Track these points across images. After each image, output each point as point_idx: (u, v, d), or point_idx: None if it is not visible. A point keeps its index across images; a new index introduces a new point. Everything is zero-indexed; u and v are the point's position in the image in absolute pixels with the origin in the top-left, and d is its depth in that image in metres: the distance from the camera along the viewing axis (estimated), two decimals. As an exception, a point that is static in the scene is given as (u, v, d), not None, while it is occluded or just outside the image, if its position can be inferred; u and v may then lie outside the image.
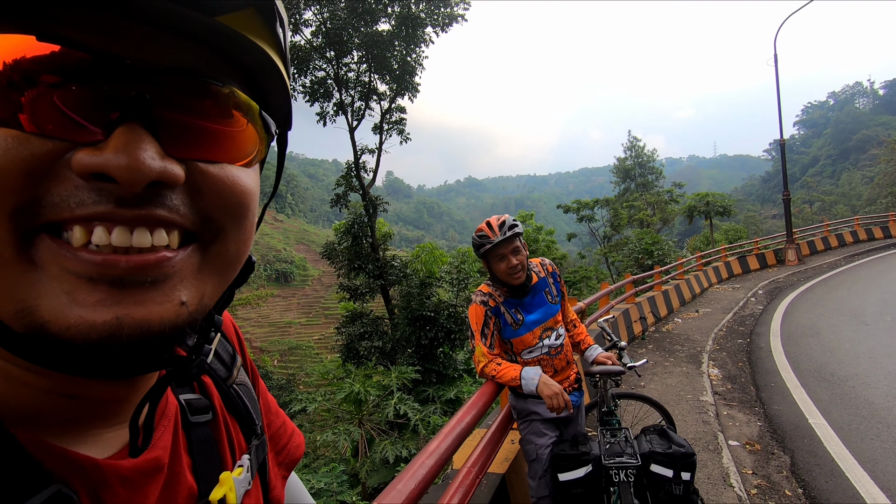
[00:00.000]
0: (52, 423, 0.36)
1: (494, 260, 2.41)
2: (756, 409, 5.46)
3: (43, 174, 0.29)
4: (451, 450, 1.86)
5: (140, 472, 0.39)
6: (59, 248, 0.30)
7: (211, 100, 0.35)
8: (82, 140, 0.30)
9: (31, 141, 0.29)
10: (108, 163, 0.30)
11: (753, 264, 17.77)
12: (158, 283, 0.33)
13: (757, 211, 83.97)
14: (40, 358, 0.32)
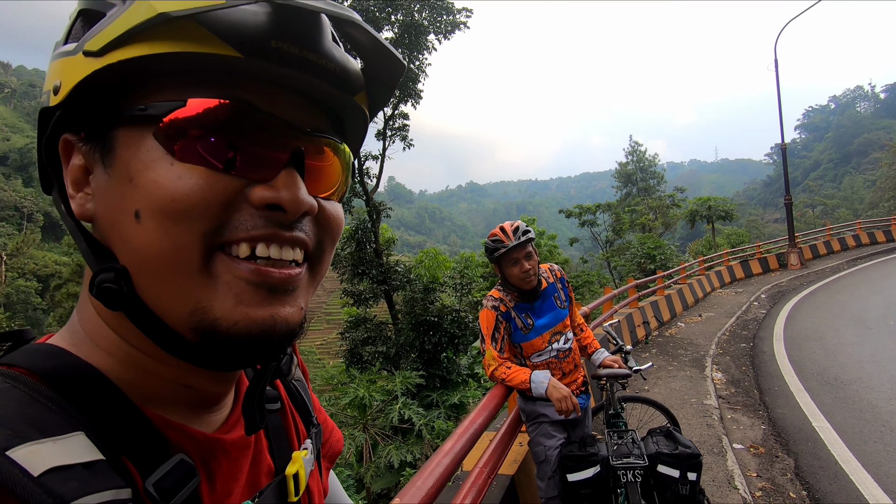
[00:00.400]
0: (171, 405, 0.44)
1: (508, 264, 2.48)
2: (760, 412, 5.50)
3: (230, 204, 0.39)
4: (464, 450, 1.93)
5: (237, 446, 0.48)
6: (231, 261, 0.39)
7: (328, 150, 0.45)
8: (258, 179, 0.40)
9: (224, 179, 0.38)
10: (281, 197, 0.39)
11: (756, 268, 17.79)
12: (293, 291, 0.42)
13: (759, 215, 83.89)
14: (188, 356, 0.41)
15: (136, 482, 0.37)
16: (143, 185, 0.37)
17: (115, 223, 0.39)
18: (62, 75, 0.39)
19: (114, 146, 0.39)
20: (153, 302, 0.39)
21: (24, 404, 0.34)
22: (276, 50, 0.38)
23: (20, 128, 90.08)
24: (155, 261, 0.37)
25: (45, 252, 47.62)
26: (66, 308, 26.00)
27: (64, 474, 0.33)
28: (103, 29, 0.37)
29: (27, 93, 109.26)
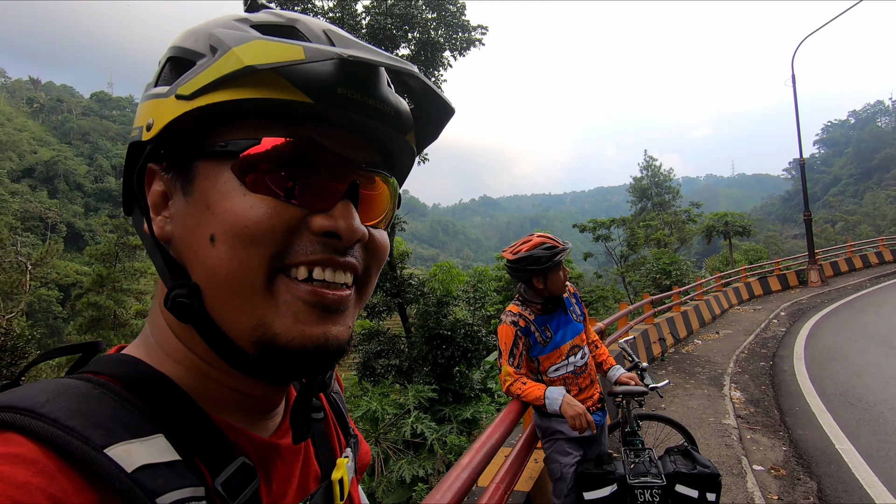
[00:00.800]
0: (232, 411, 0.48)
1: (555, 271, 2.51)
2: (780, 433, 5.38)
3: (293, 231, 0.43)
4: (481, 465, 1.94)
5: (290, 452, 0.52)
6: (291, 282, 0.43)
7: (379, 181, 0.50)
8: (317, 209, 0.44)
9: (289, 208, 0.43)
10: (338, 226, 0.44)
11: (775, 285, 17.47)
12: (343, 312, 0.46)
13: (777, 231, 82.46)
14: (247, 369, 0.45)
15: (206, 481, 0.41)
16: (220, 212, 0.42)
17: (191, 244, 0.44)
18: (155, 114, 0.44)
19: (194, 176, 0.44)
20: (220, 317, 0.43)
21: (113, 408, 0.39)
22: (341, 96, 0.43)
23: (47, 141, 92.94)
24: (225, 279, 0.42)
25: (67, 262, 48.68)
26: (85, 317, 26.46)
27: (152, 472, 0.37)
28: (195, 76, 0.42)
29: (55, 108, 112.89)
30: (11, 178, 70.83)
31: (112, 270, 27.96)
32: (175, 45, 0.47)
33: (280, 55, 0.40)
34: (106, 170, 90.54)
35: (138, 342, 0.48)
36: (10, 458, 0.32)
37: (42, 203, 68.14)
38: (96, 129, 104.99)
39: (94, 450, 0.35)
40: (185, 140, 0.44)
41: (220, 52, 0.42)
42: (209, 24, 0.47)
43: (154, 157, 0.46)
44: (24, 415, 0.34)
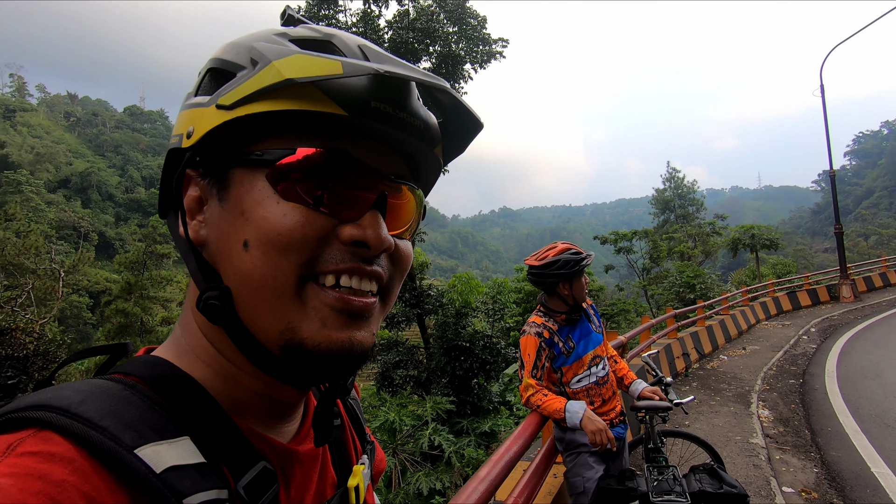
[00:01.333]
0: (254, 415, 0.49)
1: (579, 277, 2.50)
2: (812, 454, 5.17)
3: (323, 240, 0.44)
4: (499, 478, 1.91)
5: (309, 457, 0.52)
6: (319, 289, 0.45)
7: (406, 191, 0.51)
8: (347, 218, 0.45)
9: (320, 217, 0.44)
10: (367, 235, 0.45)
11: (804, 300, 16.93)
12: (368, 318, 0.47)
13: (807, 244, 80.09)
14: (273, 371, 0.46)
15: (230, 484, 0.41)
16: (254, 219, 0.43)
17: (224, 249, 0.45)
18: (195, 123, 0.46)
19: (230, 183, 0.45)
20: (249, 320, 0.44)
21: (142, 409, 0.40)
22: (374, 109, 0.45)
23: (83, 153, 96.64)
24: (257, 284, 0.43)
25: (98, 270, 50.22)
26: (113, 323, 27.18)
27: (179, 473, 0.38)
28: (235, 87, 0.44)
29: (90, 121, 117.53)
30: (48, 189, 73.70)
31: (140, 278, 28.75)
32: (216, 56, 0.49)
33: (319, 69, 0.41)
34: (136, 181, 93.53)
35: (168, 344, 0.50)
36: (48, 456, 0.33)
37: (76, 213, 70.69)
38: (128, 141, 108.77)
39: (126, 450, 0.36)
40: (222, 148, 0.46)
41: (260, 64, 0.43)
42: (250, 37, 0.49)
43: (192, 163, 0.47)
44: (60, 414, 0.36)
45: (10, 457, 0.33)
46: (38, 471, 0.32)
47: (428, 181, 0.57)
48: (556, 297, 2.56)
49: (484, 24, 16.75)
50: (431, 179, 0.57)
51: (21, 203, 49.77)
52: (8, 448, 0.33)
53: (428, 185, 0.57)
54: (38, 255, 26.49)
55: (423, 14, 15.64)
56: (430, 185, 0.58)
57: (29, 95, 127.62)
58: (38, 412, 0.36)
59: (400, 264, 0.51)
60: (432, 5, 16.10)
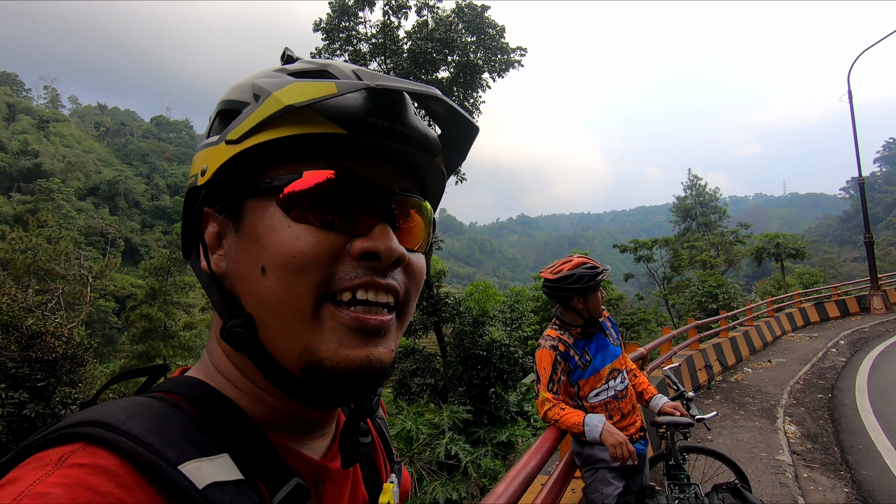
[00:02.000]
0: (287, 432, 0.50)
1: (594, 291, 2.49)
2: (841, 472, 4.99)
3: (336, 258, 0.46)
4: (517, 494, 1.89)
5: (340, 474, 0.54)
6: (336, 309, 0.46)
7: (413, 211, 0.52)
8: (357, 234, 0.47)
9: (330, 236, 0.46)
10: (377, 246, 0.46)
11: (833, 311, 16.43)
12: (385, 335, 0.48)
13: (835, 253, 77.79)
14: (296, 394, 0.48)
15: (266, 500, 0.43)
16: (269, 244, 0.45)
17: (243, 277, 0.47)
18: (208, 161, 0.49)
19: (244, 214, 0.48)
20: (271, 344, 0.46)
21: (184, 427, 0.42)
22: (372, 125, 0.46)
23: (111, 162, 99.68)
24: (276, 307, 0.45)
25: (124, 275, 51.55)
26: (138, 328, 27.82)
27: (220, 489, 0.39)
28: (241, 122, 0.46)
29: (118, 131, 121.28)
30: (78, 196, 76.09)
31: (164, 284, 29.39)
32: (223, 99, 0.52)
33: (315, 92, 0.43)
34: (161, 188, 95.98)
35: (199, 368, 0.52)
36: (96, 468, 0.35)
37: (104, 219, 72.77)
38: (154, 150, 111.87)
39: (170, 466, 0.37)
40: (235, 182, 0.48)
41: (262, 97, 0.46)
42: (251, 77, 0.51)
43: (208, 200, 0.50)
44: (107, 430, 0.38)
45: (61, 468, 0.35)
46: (86, 482, 0.34)
47: (434, 192, 0.58)
48: (571, 310, 2.55)
49: (502, 34, 16.83)
50: (437, 190, 0.58)
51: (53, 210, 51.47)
52: (59, 459, 0.36)
53: (435, 197, 0.59)
54: (67, 261, 27.33)
55: (441, 24, 15.79)
56: (438, 196, 0.59)
57: (62, 106, 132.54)
58: (88, 428, 0.38)
59: (414, 277, 0.52)
60: (451, 16, 16.25)
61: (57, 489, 0.33)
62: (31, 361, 9.82)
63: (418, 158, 0.51)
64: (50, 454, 0.36)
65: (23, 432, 8.80)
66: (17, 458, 0.37)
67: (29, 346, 10.02)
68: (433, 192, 0.58)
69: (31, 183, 69.84)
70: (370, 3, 16.00)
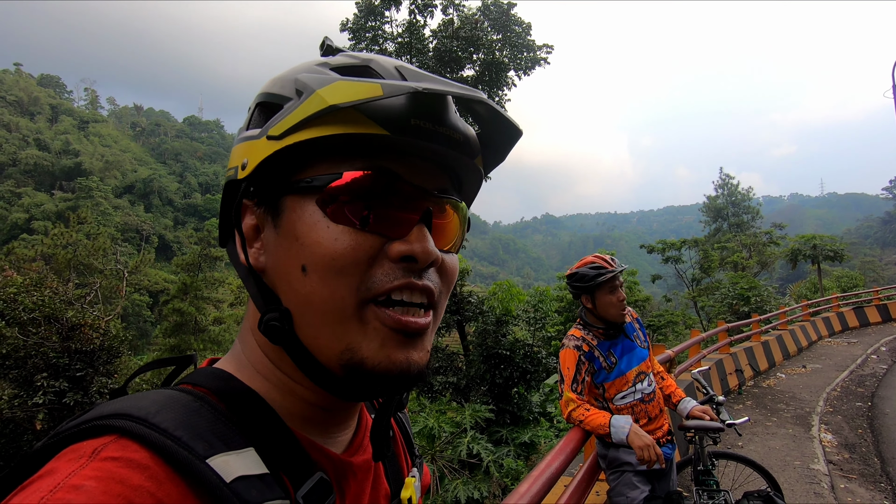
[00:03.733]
0: (311, 426, 0.51)
1: (605, 292, 2.44)
2: (882, 484, 4.78)
3: (374, 260, 0.46)
4: (540, 494, 1.88)
5: (362, 469, 0.54)
6: (379, 310, 0.46)
7: (449, 208, 0.52)
8: (394, 236, 0.46)
9: (368, 238, 0.45)
10: (415, 249, 0.46)
11: (874, 317, 15.74)
12: (422, 337, 0.49)
13: (876, 256, 74.47)
14: (331, 387, 0.48)
15: (290, 494, 0.43)
16: (308, 244, 0.45)
17: (284, 274, 0.47)
18: (248, 155, 0.49)
19: (282, 210, 0.48)
20: (309, 340, 0.46)
21: (211, 420, 0.42)
22: (414, 126, 0.46)
23: (146, 161, 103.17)
24: (318, 307, 0.45)
25: (157, 270, 53.27)
26: (170, 322, 28.70)
27: (247, 483, 0.40)
28: (283, 118, 0.46)
29: (153, 131, 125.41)
30: (115, 194, 79.05)
31: (195, 279, 30.25)
32: (263, 91, 0.52)
33: (360, 93, 0.43)
34: (193, 187, 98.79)
35: (229, 358, 0.52)
36: (127, 462, 0.36)
37: (139, 216, 75.42)
38: (187, 149, 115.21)
39: (199, 460, 0.38)
40: (275, 177, 0.48)
41: (305, 94, 0.46)
42: (293, 70, 0.51)
43: (247, 193, 0.50)
44: (138, 423, 0.38)
45: (95, 460, 0.36)
46: (118, 475, 0.35)
47: (470, 192, 0.58)
48: (588, 310, 2.53)
49: (528, 31, 16.69)
50: (474, 190, 0.58)
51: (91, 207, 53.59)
52: (93, 452, 0.36)
53: (470, 197, 0.59)
54: (105, 256, 28.41)
55: (467, 23, 15.75)
56: (473, 196, 0.59)
57: (100, 108, 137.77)
58: (120, 421, 0.38)
59: (447, 278, 0.52)
60: (477, 13, 16.20)
61: (91, 482, 0.34)
62: (71, 352, 10.25)
63: (458, 160, 0.51)
64: (84, 446, 0.37)
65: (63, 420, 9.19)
66: (50, 447, 0.39)
67: (69, 337, 10.46)
68: (469, 191, 0.58)
69: (72, 181, 72.94)
70: (396, 3, 16.10)
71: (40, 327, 10.24)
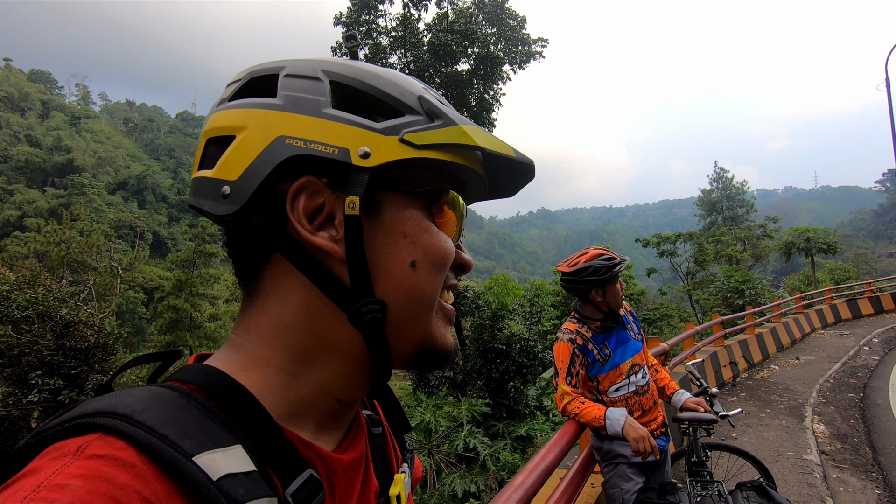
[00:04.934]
0: (306, 422, 0.50)
1: (613, 283, 2.44)
2: (873, 474, 4.84)
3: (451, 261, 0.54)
4: (535, 487, 1.89)
5: (353, 465, 0.53)
6: (442, 302, 0.54)
7: None
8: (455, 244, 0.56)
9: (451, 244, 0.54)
10: (468, 260, 0.57)
11: (866, 308, 15.88)
12: None
13: (869, 248, 75.05)
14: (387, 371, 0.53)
15: (278, 492, 0.43)
16: (422, 244, 0.51)
17: (386, 268, 0.50)
18: (370, 145, 0.47)
19: (380, 204, 0.50)
20: (397, 328, 0.51)
21: (198, 417, 0.41)
22: None
23: (139, 157, 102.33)
24: (420, 300, 0.51)
25: (152, 267, 52.98)
26: (165, 319, 28.63)
27: (234, 480, 0.39)
28: (423, 132, 0.49)
29: (146, 127, 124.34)
30: (108, 191, 78.37)
31: (190, 276, 30.14)
32: (365, 81, 0.50)
33: (499, 147, 0.52)
34: (187, 183, 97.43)
35: (229, 356, 0.50)
36: (113, 460, 0.35)
37: (133, 213, 74.87)
38: (180, 145, 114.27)
39: (185, 457, 0.37)
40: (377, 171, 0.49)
41: (443, 121, 0.50)
42: (404, 79, 0.53)
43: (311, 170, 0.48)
44: (123, 421, 0.38)
45: (80, 459, 0.35)
46: (104, 473, 0.34)
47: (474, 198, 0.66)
48: (590, 303, 2.50)
49: (523, 25, 16.62)
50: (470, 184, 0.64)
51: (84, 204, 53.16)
52: (78, 450, 0.36)
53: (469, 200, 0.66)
54: (99, 253, 28.23)
55: (461, 16, 15.68)
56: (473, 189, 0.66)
57: (92, 103, 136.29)
58: (104, 418, 0.38)
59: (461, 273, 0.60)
60: (471, 7, 16.12)
61: (76, 480, 0.33)
62: (66, 350, 10.21)
63: None
64: (68, 444, 0.36)
65: (58, 417, 9.17)
66: (33, 445, 0.38)
67: (63, 334, 10.42)
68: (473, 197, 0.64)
69: (65, 178, 72.27)
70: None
71: (34, 325, 10.19)
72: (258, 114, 0.49)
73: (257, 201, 0.48)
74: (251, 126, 0.48)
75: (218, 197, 0.49)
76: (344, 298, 0.48)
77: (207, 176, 0.50)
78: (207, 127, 0.52)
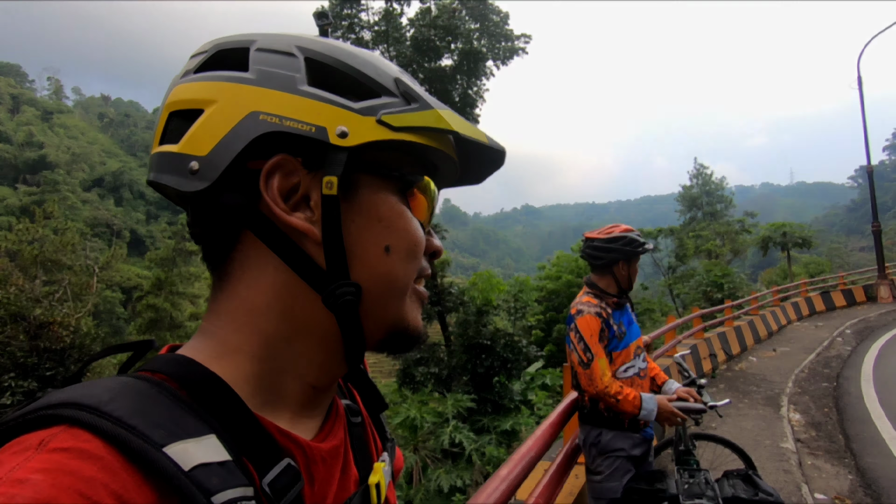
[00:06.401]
0: (282, 410, 0.49)
1: (636, 261, 2.48)
2: (846, 460, 4.99)
3: None
4: (519, 478, 1.90)
5: (331, 454, 0.52)
6: (415, 286, 0.54)
7: None
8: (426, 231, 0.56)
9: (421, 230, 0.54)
10: (439, 247, 0.58)
11: (839, 301, 16.35)
12: None
13: (842, 243, 77.15)
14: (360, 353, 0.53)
15: (255, 481, 0.41)
16: (397, 229, 0.50)
17: (359, 251, 0.49)
18: (348, 125, 0.46)
19: (355, 186, 0.49)
20: (370, 311, 0.50)
21: (169, 407, 0.40)
22: None
23: (115, 153, 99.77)
24: (394, 283, 0.51)
25: (130, 266, 51.81)
26: (144, 318, 28.04)
27: (207, 470, 0.37)
28: (400, 113, 0.48)
29: (122, 122, 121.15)
30: (83, 188, 76.31)
31: (169, 274, 29.57)
32: (342, 60, 0.49)
33: (474, 133, 0.52)
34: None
35: (199, 343, 0.49)
36: (79, 452, 0.33)
37: (109, 210, 73.00)
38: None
39: (155, 448, 0.36)
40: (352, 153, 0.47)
41: (419, 104, 0.49)
42: (380, 60, 0.52)
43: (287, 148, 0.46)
44: (89, 412, 0.36)
45: (42, 452, 0.33)
46: (68, 467, 0.32)
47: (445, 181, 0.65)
48: (610, 276, 2.46)
49: (506, 20, 16.63)
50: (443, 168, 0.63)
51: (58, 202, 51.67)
52: (40, 444, 0.34)
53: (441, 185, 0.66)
54: (74, 252, 27.47)
55: (444, 11, 15.61)
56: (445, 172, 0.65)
57: (65, 98, 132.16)
58: (69, 410, 0.36)
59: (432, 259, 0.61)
60: (454, 2, 16.06)
61: (37, 475, 0.31)
62: (40, 351, 9.94)
63: None
64: (30, 438, 0.34)
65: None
66: None
67: (37, 336, 10.14)
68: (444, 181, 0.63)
69: (37, 174, 70.12)
70: (373, -10, 15.83)
71: (6, 326, 9.89)
72: (229, 87, 0.46)
73: (228, 178, 0.46)
74: (222, 100, 0.46)
75: (185, 173, 0.46)
76: (318, 280, 0.47)
77: (172, 151, 0.47)
78: (171, 100, 0.49)
